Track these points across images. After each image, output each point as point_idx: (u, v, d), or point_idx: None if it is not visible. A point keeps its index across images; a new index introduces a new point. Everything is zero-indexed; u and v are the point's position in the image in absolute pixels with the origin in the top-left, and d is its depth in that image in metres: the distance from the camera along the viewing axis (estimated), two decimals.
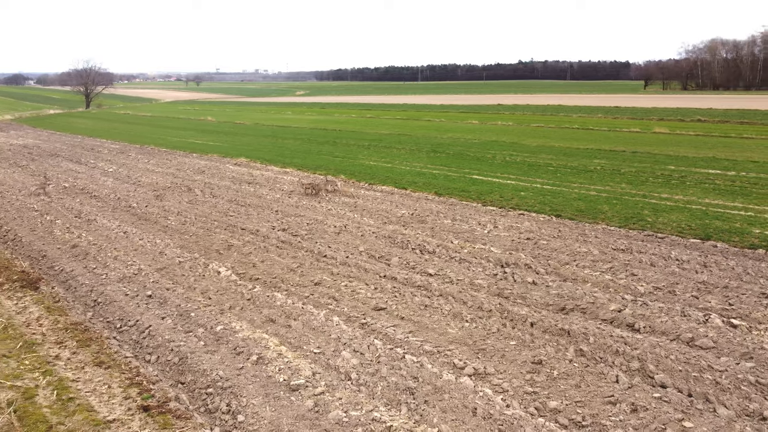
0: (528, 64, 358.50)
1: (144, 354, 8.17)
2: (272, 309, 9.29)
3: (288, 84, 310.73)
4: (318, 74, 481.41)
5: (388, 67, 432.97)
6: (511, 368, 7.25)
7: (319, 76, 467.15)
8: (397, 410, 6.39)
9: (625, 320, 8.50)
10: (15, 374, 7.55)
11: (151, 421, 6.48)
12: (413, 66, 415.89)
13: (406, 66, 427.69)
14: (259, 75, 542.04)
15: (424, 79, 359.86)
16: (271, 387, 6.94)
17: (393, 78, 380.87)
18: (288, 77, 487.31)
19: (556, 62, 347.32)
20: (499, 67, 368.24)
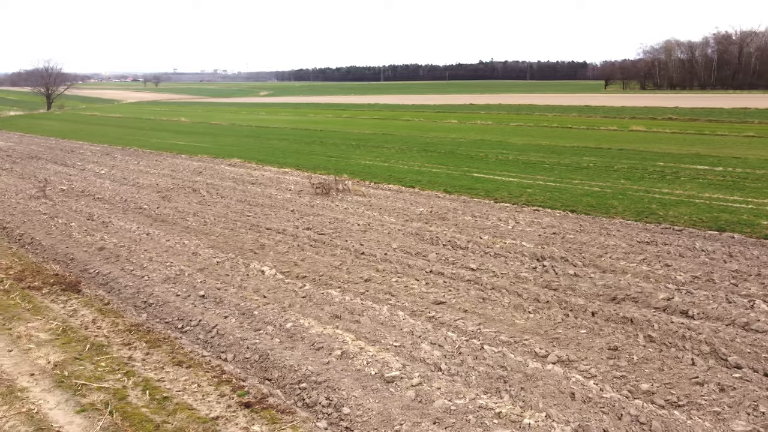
0: (488, 64, 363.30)
1: (218, 353, 8.19)
2: (332, 306, 9.40)
3: (250, 84, 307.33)
4: (279, 74, 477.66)
5: (350, 67, 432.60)
6: (591, 355, 7.57)
7: (280, 77, 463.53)
8: (498, 397, 6.62)
9: (677, 308, 8.91)
10: (96, 376, 7.49)
11: (257, 417, 6.55)
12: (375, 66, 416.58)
13: (367, 66, 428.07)
14: (218, 75, 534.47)
15: (386, 79, 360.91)
16: (365, 380, 7.08)
17: (355, 78, 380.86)
18: (248, 77, 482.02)
19: (515, 62, 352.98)
20: (461, 67, 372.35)
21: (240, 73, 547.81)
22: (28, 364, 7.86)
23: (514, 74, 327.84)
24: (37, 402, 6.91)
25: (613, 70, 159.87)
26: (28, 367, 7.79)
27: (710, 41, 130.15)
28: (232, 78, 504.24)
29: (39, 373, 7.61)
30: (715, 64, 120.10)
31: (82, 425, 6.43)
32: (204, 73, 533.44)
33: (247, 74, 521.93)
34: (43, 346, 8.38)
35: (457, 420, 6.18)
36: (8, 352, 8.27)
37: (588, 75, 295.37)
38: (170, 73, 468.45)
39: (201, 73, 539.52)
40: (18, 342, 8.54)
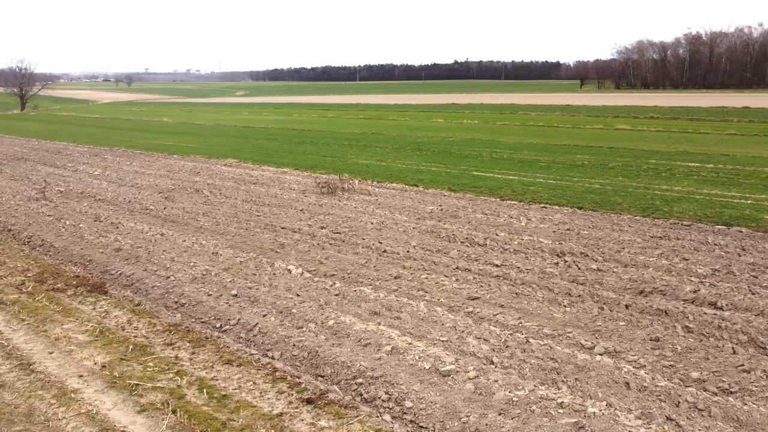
0: (464, 64, 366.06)
1: (263, 351, 8.21)
2: (368, 303, 9.48)
3: (225, 84, 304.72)
4: (253, 74, 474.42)
5: (325, 66, 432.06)
6: (635, 346, 7.79)
7: (254, 77, 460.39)
8: (556, 388, 6.79)
9: (705, 300, 9.20)
10: (148, 376, 7.47)
11: (321, 412, 6.61)
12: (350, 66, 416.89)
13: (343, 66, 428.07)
14: (191, 75, 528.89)
15: (362, 79, 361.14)
16: (421, 374, 7.18)
17: (331, 78, 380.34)
18: (222, 77, 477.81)
19: (490, 62, 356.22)
20: (436, 67, 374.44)
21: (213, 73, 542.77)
22: (74, 366, 7.80)
23: (488, 74, 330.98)
24: (93, 403, 6.88)
25: (587, 69, 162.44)
26: (74, 369, 7.72)
27: (682, 41, 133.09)
28: (206, 78, 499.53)
29: (87, 375, 7.56)
30: (687, 64, 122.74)
31: (146, 425, 6.42)
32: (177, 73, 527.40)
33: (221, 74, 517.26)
34: (85, 348, 8.31)
35: (521, 411, 6.32)
36: (49, 354, 8.18)
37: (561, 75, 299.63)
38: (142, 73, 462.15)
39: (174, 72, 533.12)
40: (57, 344, 8.46)
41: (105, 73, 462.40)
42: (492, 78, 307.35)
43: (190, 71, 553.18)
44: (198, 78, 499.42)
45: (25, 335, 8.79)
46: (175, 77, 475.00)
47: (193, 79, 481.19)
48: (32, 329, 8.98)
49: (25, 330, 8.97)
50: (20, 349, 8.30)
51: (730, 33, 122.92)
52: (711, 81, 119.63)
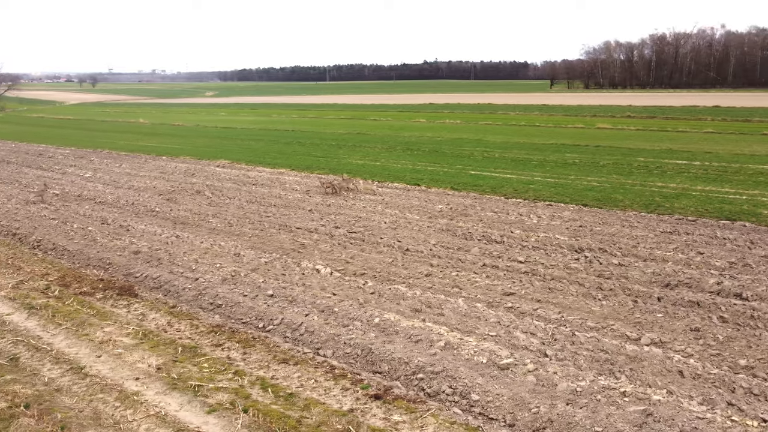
0: (433, 64, 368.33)
1: (315, 349, 8.28)
2: (407, 300, 9.62)
3: (193, 84, 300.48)
4: (221, 74, 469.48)
5: (294, 66, 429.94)
6: (678, 336, 8.10)
7: (222, 77, 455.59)
8: (614, 378, 7.04)
9: (731, 291, 9.59)
10: (207, 377, 7.49)
11: (392, 407, 6.73)
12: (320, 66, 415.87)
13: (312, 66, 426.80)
14: (157, 75, 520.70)
15: (332, 79, 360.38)
16: (480, 368, 7.36)
17: (300, 78, 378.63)
18: (189, 78, 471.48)
19: (459, 62, 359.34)
20: (406, 67, 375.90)
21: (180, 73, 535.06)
22: (127, 369, 7.76)
23: (458, 74, 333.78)
24: (158, 405, 6.87)
25: (555, 69, 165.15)
26: (128, 372, 7.69)
27: (647, 42, 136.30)
28: (172, 78, 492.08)
29: (144, 377, 7.54)
30: (654, 64, 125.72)
31: (220, 424, 6.45)
32: (142, 73, 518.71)
33: (188, 74, 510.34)
34: (133, 351, 8.27)
35: (588, 400, 6.55)
36: (97, 357, 8.12)
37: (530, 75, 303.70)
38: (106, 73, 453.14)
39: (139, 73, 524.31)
40: (103, 347, 8.39)
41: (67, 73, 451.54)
42: (461, 78, 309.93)
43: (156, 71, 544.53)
44: (164, 78, 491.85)
45: (65, 339, 8.70)
46: (140, 77, 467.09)
47: (159, 79, 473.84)
48: (72, 333, 8.88)
49: (64, 334, 8.87)
50: (66, 354, 8.22)
51: (694, 34, 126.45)
52: (676, 81, 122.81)
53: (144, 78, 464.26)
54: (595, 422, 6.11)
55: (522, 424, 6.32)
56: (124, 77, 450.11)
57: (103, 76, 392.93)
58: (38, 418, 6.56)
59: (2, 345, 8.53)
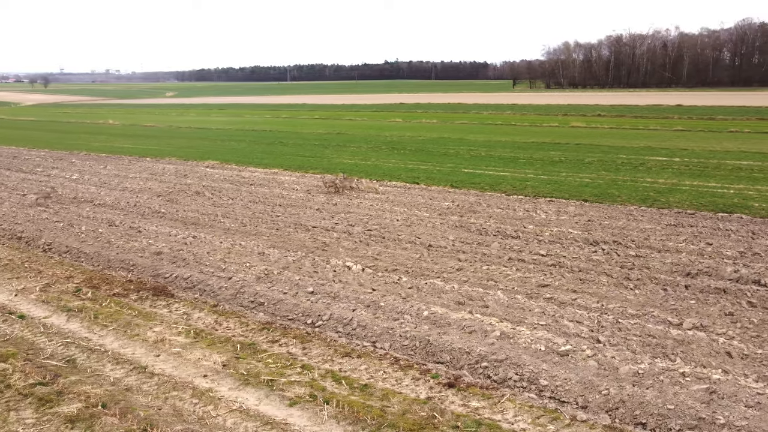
0: (394, 64, 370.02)
1: (371, 342, 8.47)
2: (448, 294, 9.89)
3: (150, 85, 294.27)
4: (179, 74, 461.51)
5: (254, 66, 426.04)
6: (716, 321, 8.60)
7: (180, 77, 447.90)
8: (670, 360, 7.47)
9: (749, 278, 10.19)
10: (276, 372, 7.62)
11: (468, 394, 7.00)
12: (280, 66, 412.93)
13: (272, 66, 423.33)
14: (111, 75, 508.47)
15: (293, 79, 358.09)
16: (541, 355, 7.70)
17: (260, 78, 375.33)
18: (144, 78, 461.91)
19: (420, 62, 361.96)
20: (367, 67, 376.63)
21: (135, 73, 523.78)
22: (191, 367, 7.82)
23: (419, 74, 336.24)
24: (237, 400, 6.98)
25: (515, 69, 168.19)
26: (193, 370, 7.75)
27: (604, 43, 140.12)
28: (128, 78, 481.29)
29: (212, 374, 7.61)
30: (612, 64, 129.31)
31: (306, 416, 6.61)
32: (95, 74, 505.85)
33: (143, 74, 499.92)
34: (191, 349, 8.32)
35: (653, 381, 6.95)
36: (156, 357, 8.14)
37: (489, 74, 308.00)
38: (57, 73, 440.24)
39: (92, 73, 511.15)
40: (160, 347, 8.41)
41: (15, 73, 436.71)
42: (422, 78, 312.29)
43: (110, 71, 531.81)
44: (119, 78, 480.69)
45: (116, 340, 8.67)
46: (93, 77, 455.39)
47: (113, 79, 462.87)
48: (121, 334, 8.85)
49: (113, 335, 8.84)
50: (122, 354, 8.21)
51: (649, 35, 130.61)
52: (634, 80, 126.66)
53: (98, 78, 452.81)
54: (666, 401, 6.50)
55: (595, 405, 6.67)
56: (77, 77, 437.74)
57: (55, 76, 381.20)
58: (120, 416, 6.58)
59: (53, 348, 8.45)
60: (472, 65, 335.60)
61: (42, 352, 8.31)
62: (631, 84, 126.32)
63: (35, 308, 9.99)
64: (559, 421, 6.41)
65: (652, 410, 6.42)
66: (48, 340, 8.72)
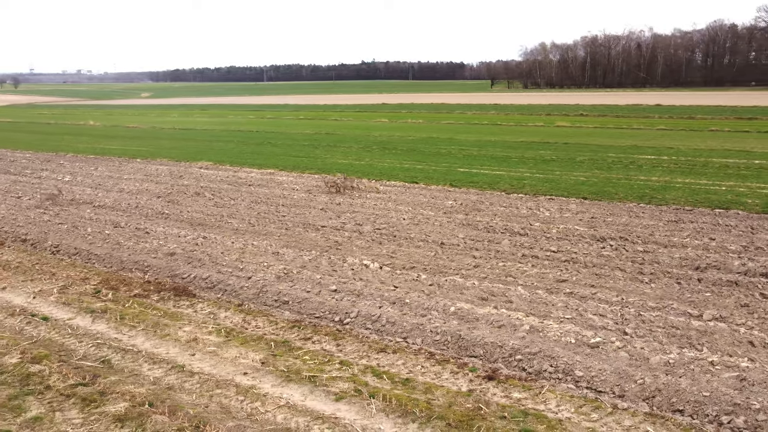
0: (371, 64, 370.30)
1: (402, 338, 8.62)
2: (469, 290, 10.09)
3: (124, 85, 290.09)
4: (153, 75, 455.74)
5: (230, 67, 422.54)
6: (733, 312, 8.93)
7: (154, 77, 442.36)
8: (697, 350, 7.76)
9: (757, 271, 10.59)
10: (316, 368, 7.74)
11: (509, 386, 7.20)
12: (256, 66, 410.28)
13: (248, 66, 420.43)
14: (83, 76, 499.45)
15: (269, 79, 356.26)
16: (572, 347, 7.93)
17: (237, 78, 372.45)
18: (117, 78, 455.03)
19: (397, 62, 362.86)
20: (344, 67, 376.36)
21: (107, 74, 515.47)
22: (230, 365, 7.90)
23: (396, 74, 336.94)
24: (282, 396, 7.08)
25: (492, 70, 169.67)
26: (232, 368, 7.83)
27: (579, 44, 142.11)
28: (100, 79, 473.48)
29: (251, 372, 7.70)
30: (588, 65, 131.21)
31: (354, 410, 6.74)
32: (66, 74, 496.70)
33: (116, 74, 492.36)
34: (225, 348, 8.38)
35: (684, 370, 7.23)
36: (191, 356, 8.19)
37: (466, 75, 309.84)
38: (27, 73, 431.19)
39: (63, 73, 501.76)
40: (193, 346, 8.46)
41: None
42: (399, 78, 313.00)
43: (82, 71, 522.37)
44: (91, 79, 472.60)
45: (147, 340, 8.70)
46: (65, 78, 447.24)
47: (85, 80, 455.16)
48: (152, 334, 8.88)
49: (143, 336, 8.85)
50: (157, 354, 8.24)
51: (624, 36, 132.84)
52: (609, 80, 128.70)
53: (69, 78, 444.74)
54: (700, 389, 6.78)
55: (632, 394, 6.92)
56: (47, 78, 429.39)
57: (25, 76, 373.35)
58: (169, 414, 6.64)
59: (84, 349, 8.45)
60: (449, 65, 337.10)
61: (74, 354, 8.30)
62: (606, 84, 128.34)
63: (57, 310, 9.94)
64: (602, 410, 6.64)
65: (688, 398, 6.68)
66: (78, 341, 8.71)
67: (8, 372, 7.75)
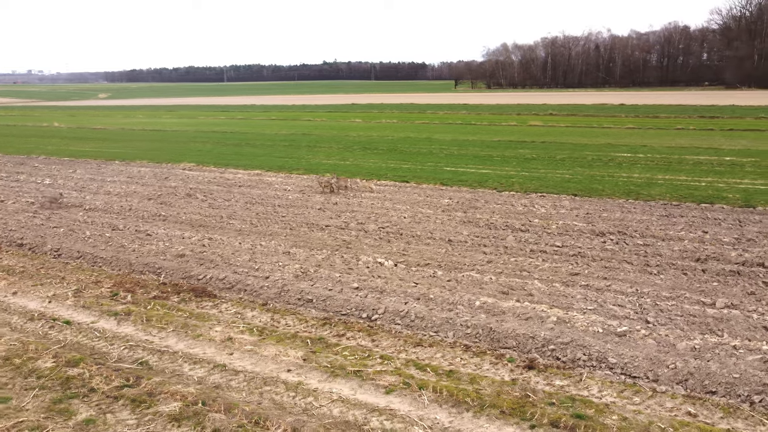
0: (333, 64, 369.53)
1: (432, 332, 8.86)
2: (488, 285, 10.39)
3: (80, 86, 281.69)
4: (108, 75, 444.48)
5: (189, 67, 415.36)
6: (742, 299, 9.45)
7: (110, 78, 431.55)
8: (717, 336, 8.22)
9: (754, 261, 11.19)
10: (359, 363, 7.90)
11: (549, 374, 7.51)
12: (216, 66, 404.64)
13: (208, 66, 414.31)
14: (34, 76, 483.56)
15: (230, 80, 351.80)
16: (601, 336, 8.30)
17: (196, 79, 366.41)
18: (70, 79, 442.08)
19: (359, 63, 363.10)
20: (306, 67, 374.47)
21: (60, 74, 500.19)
22: (271, 363, 7.99)
23: (358, 74, 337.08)
24: (332, 391, 7.23)
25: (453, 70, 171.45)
26: (274, 365, 7.93)
27: (540, 44, 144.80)
28: (52, 79, 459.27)
29: (295, 368, 7.82)
30: (550, 65, 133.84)
31: (407, 401, 6.94)
32: (16, 74, 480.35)
33: (69, 75, 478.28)
34: (263, 346, 8.47)
35: (711, 354, 7.66)
36: (230, 355, 8.26)
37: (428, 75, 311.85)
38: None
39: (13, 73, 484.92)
40: (229, 345, 8.52)
41: None
42: (362, 78, 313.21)
43: (32, 72, 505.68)
44: (42, 80, 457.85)
45: (180, 341, 8.71)
46: (14, 78, 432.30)
47: (36, 80, 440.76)
48: (184, 335, 8.89)
49: (175, 337, 8.86)
50: (194, 354, 8.27)
51: (583, 37, 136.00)
52: (570, 81, 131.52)
53: (19, 79, 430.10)
54: (730, 371, 7.21)
55: (665, 378, 7.31)
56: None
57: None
58: (226, 412, 6.72)
59: (118, 351, 8.42)
60: (410, 66, 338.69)
61: (109, 356, 8.27)
62: (567, 84, 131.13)
63: (77, 314, 9.83)
64: (642, 393, 7.01)
65: (719, 380, 7.11)
66: (108, 344, 8.66)
67: (46, 376, 7.68)
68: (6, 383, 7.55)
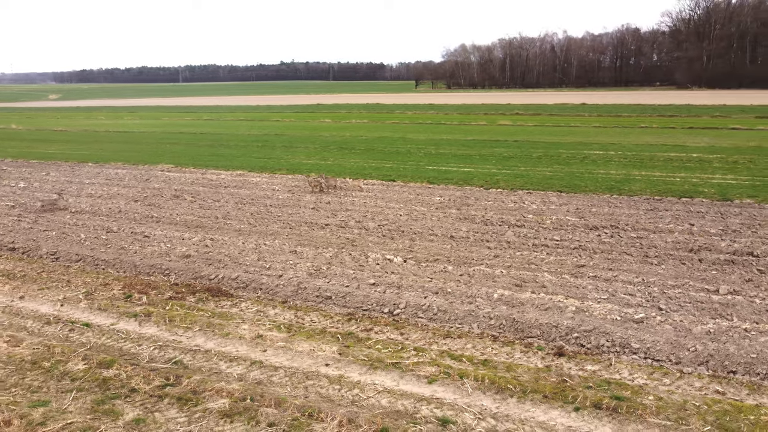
0: (291, 65, 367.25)
1: (457, 326, 9.12)
2: (501, 278, 10.72)
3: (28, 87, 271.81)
4: (57, 76, 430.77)
5: (142, 67, 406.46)
6: (742, 286, 10.03)
7: (59, 78, 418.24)
8: (728, 320, 8.74)
9: (744, 251, 11.86)
10: (395, 355, 8.10)
11: (579, 360, 7.86)
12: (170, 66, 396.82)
13: (162, 66, 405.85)
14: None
15: (185, 80, 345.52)
16: (620, 324, 8.71)
17: (149, 79, 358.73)
18: (15, 79, 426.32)
19: (317, 63, 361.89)
20: (263, 68, 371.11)
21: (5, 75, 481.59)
22: (308, 358, 8.11)
23: (316, 75, 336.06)
24: (375, 382, 7.41)
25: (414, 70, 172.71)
26: (311, 360, 8.05)
27: (497, 46, 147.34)
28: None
29: (333, 362, 7.96)
30: (508, 66, 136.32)
31: (451, 390, 7.18)
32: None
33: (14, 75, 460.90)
34: (295, 342, 8.57)
35: (726, 337, 8.15)
36: (263, 352, 8.34)
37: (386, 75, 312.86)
38: None
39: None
40: (261, 343, 8.60)
41: None
42: (320, 78, 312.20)
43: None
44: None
45: (209, 340, 8.73)
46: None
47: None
48: (212, 334, 8.91)
49: (202, 336, 8.87)
50: (228, 353, 8.32)
51: (539, 38, 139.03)
52: (528, 81, 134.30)
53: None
54: (747, 352, 7.70)
55: (687, 360, 7.75)
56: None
57: None
58: (276, 406, 6.82)
59: (148, 352, 8.39)
60: (368, 66, 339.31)
61: (140, 357, 8.23)
62: (525, 84, 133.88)
63: (94, 316, 9.71)
64: (671, 375, 7.42)
65: (739, 360, 7.59)
66: (136, 345, 8.62)
67: (80, 378, 7.61)
68: (40, 386, 7.46)
